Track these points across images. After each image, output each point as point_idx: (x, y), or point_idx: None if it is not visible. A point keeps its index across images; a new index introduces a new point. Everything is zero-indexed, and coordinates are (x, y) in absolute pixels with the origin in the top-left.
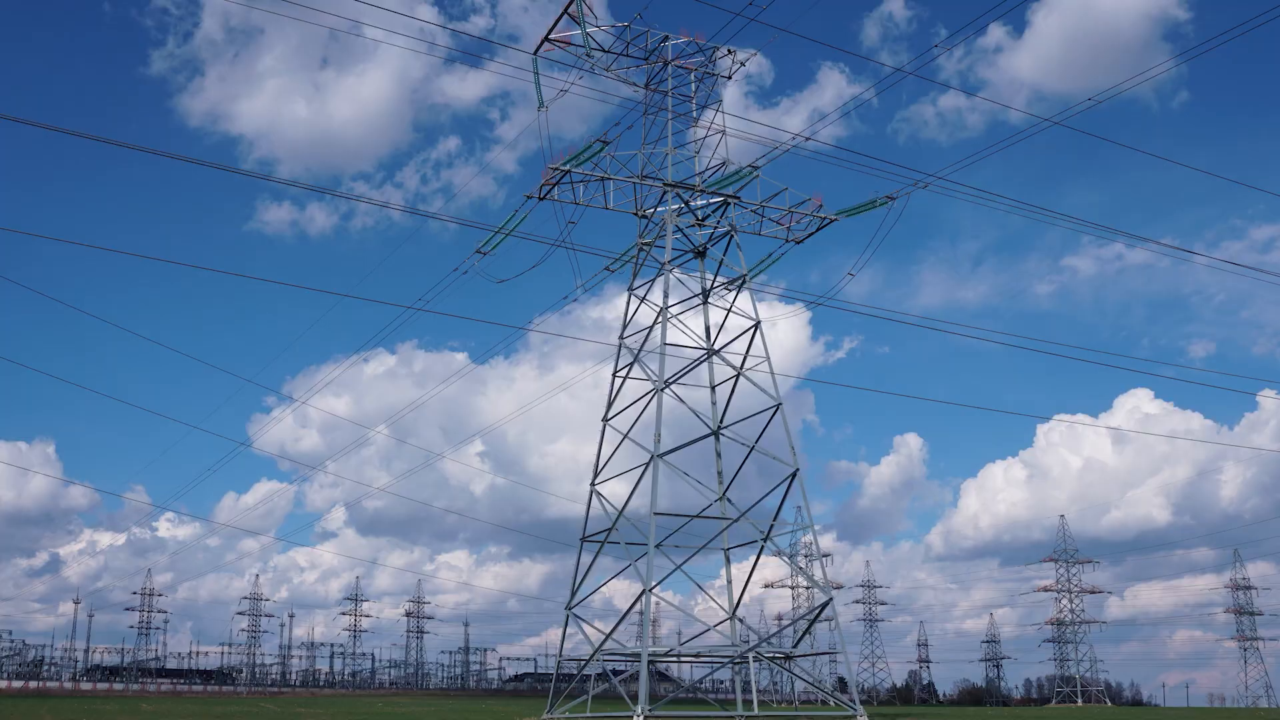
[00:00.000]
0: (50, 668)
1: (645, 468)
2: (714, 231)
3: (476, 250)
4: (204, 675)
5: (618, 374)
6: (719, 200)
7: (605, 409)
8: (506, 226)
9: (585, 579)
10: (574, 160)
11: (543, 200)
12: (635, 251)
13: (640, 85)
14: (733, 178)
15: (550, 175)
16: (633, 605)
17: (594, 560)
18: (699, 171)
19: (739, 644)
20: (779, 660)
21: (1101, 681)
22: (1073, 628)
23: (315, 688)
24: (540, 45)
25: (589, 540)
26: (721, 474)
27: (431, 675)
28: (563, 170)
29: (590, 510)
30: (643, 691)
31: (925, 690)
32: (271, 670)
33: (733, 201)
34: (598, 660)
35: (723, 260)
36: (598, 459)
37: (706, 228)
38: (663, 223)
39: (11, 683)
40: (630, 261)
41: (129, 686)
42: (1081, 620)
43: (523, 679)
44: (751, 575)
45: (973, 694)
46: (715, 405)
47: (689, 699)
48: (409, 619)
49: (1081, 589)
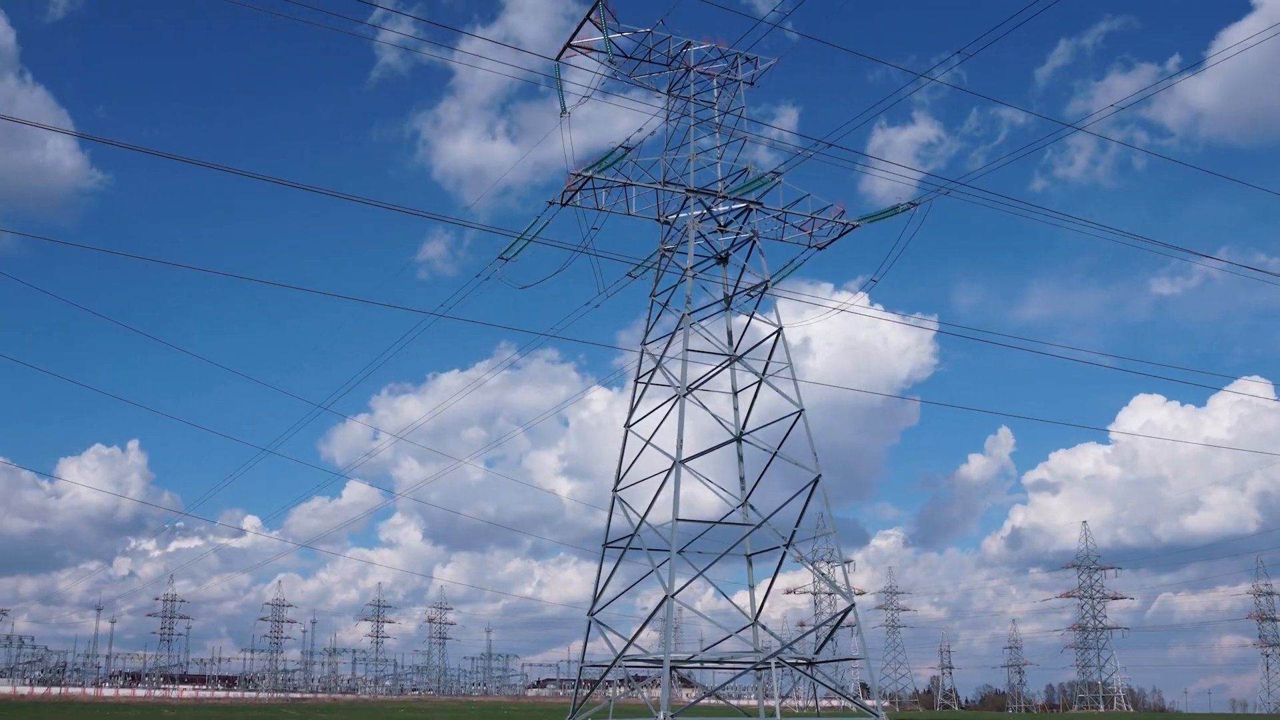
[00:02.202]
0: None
1: (668, 474)
2: (736, 237)
3: (499, 256)
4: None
5: (640, 380)
6: (741, 206)
7: (628, 415)
8: (529, 233)
9: (607, 585)
10: (596, 166)
11: (565, 206)
12: (658, 258)
13: (662, 91)
14: (755, 184)
15: (572, 181)
16: (655, 611)
17: (615, 566)
18: (721, 178)
19: (761, 650)
20: (801, 666)
21: (1124, 687)
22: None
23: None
24: (562, 51)
25: (611, 546)
26: (744, 480)
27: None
28: (585, 176)
29: (612, 516)
30: (665, 697)
31: (947, 696)
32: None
33: (755, 208)
34: (620, 666)
35: (745, 266)
36: (620, 465)
37: (728, 234)
38: (685, 229)
39: (34, 688)
40: (652, 268)
41: (151, 692)
42: (1103, 626)
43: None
44: (774, 581)
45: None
46: (737, 411)
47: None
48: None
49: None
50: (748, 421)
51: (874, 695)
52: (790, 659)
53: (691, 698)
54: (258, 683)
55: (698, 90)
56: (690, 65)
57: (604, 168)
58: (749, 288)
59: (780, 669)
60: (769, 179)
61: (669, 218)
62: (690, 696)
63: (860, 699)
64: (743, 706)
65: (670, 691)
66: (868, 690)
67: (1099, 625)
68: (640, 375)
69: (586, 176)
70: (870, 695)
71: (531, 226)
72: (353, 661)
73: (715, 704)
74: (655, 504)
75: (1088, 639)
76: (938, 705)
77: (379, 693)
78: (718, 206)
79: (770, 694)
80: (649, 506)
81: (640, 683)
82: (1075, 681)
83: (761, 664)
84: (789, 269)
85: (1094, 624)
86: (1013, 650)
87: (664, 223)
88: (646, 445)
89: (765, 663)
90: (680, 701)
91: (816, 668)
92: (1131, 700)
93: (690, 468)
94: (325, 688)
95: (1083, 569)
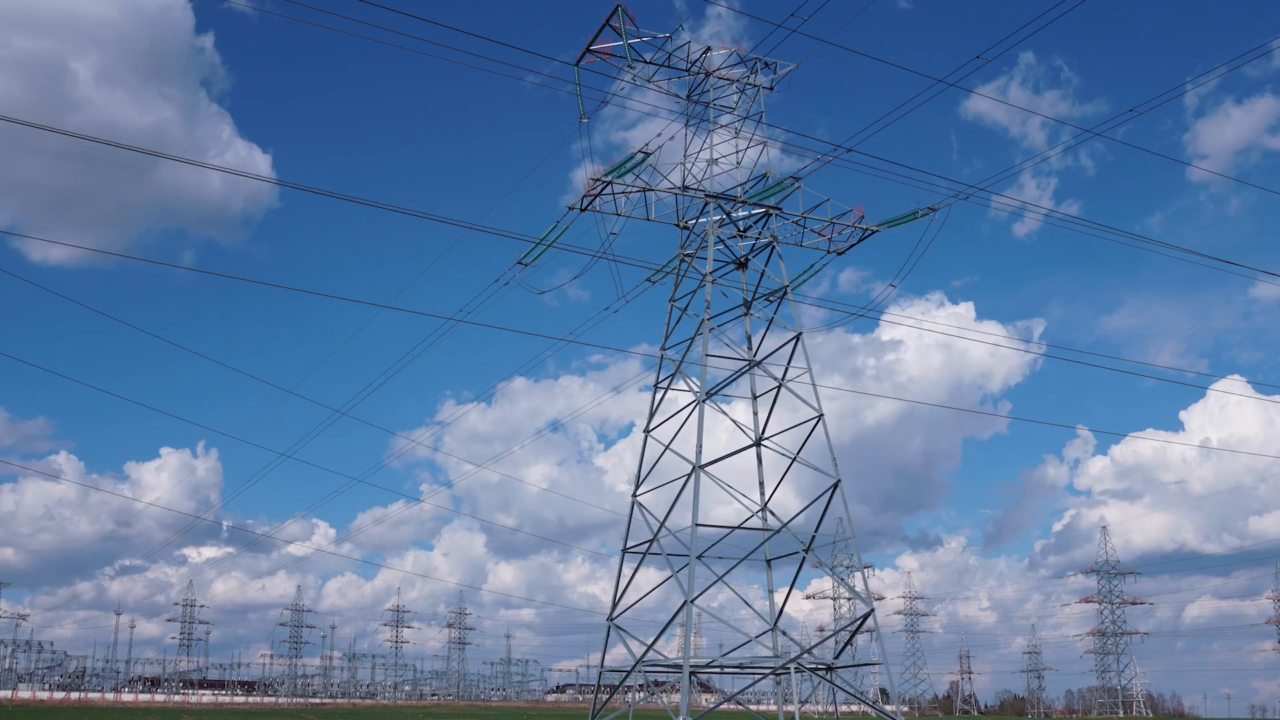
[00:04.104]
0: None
1: (687, 479)
2: (755, 242)
3: (518, 261)
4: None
5: (659, 385)
6: (760, 211)
7: (647, 420)
8: (548, 238)
9: (627, 590)
10: (615, 171)
11: (584, 212)
12: (677, 263)
13: (682, 96)
14: (774, 189)
15: (592, 186)
16: (674, 616)
17: (635, 571)
18: (740, 183)
19: (780, 655)
20: (820, 671)
21: (1143, 692)
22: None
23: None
24: (582, 56)
25: (630, 551)
26: (763, 485)
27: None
28: (604, 181)
29: (631, 521)
30: (684, 702)
31: (966, 701)
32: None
33: (774, 213)
34: (639, 671)
35: (764, 271)
36: (639, 470)
37: (748, 239)
38: (704, 234)
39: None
40: (672, 273)
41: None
42: (1122, 631)
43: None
44: (793, 587)
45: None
46: (757, 416)
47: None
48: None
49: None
50: (767, 426)
51: (893, 700)
52: (810, 664)
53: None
54: (277, 688)
55: (717, 95)
56: (709, 70)
57: (623, 173)
58: (768, 293)
59: (799, 674)
60: (788, 184)
61: (688, 223)
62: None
63: (879, 704)
64: (762, 711)
65: (689, 696)
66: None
67: (1118, 630)
68: (660, 380)
69: (606, 181)
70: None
71: (551, 231)
72: (372, 667)
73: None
74: (674, 508)
75: (1106, 644)
76: (957, 710)
77: (398, 698)
78: (737, 211)
79: (790, 699)
80: (668, 511)
81: (659, 688)
82: (1094, 686)
83: (781, 669)
84: (808, 274)
85: (1113, 629)
86: (1032, 655)
87: (683, 228)
88: (666, 450)
89: (784, 668)
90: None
91: (836, 673)
92: (1150, 705)
93: (710, 473)
94: (344, 693)
95: (1102, 574)
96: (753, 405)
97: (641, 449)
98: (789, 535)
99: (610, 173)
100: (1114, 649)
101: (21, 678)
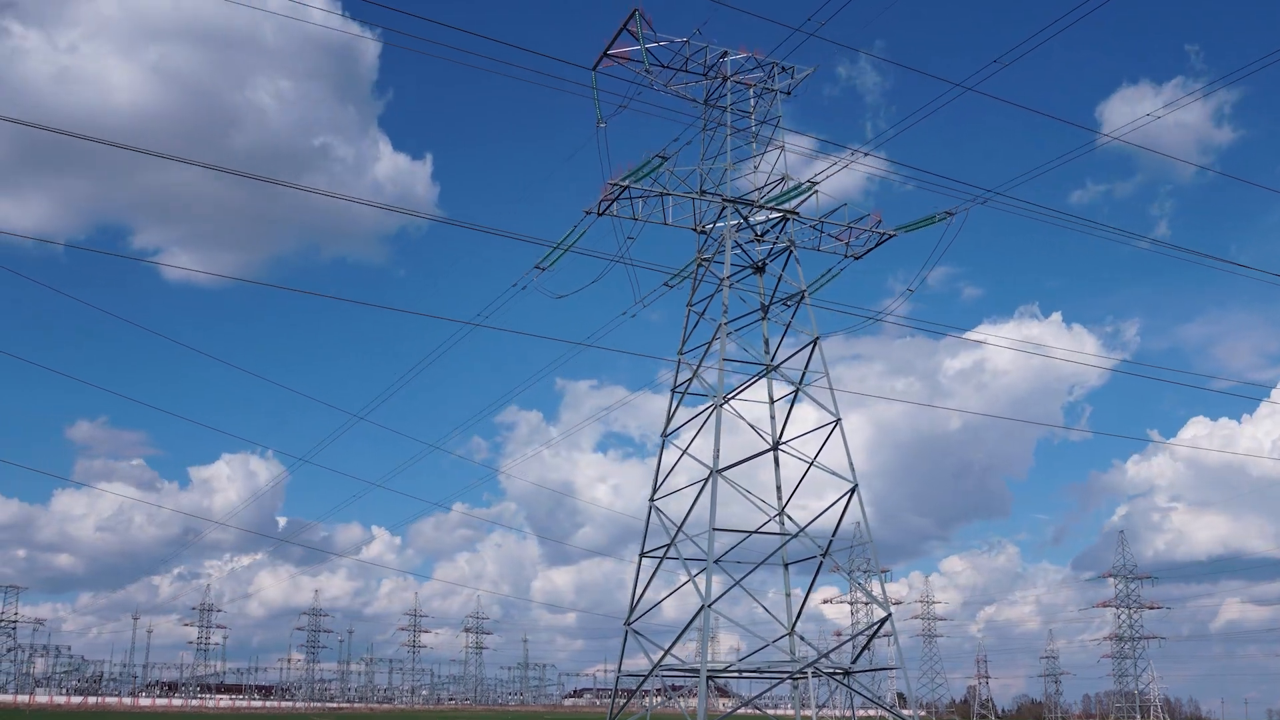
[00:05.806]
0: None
1: (704, 483)
2: (773, 247)
3: (535, 266)
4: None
5: (676, 389)
6: (778, 216)
7: (664, 424)
8: (565, 242)
9: (644, 594)
10: (633, 175)
11: (601, 216)
12: (694, 267)
13: (699, 101)
14: (791, 193)
15: (609, 191)
16: (691, 620)
17: (653, 576)
18: (758, 187)
19: (798, 659)
20: (838, 676)
21: (1160, 697)
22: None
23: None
24: (599, 61)
25: (648, 555)
26: (780, 490)
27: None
28: (621, 185)
29: (649, 525)
30: (701, 706)
31: (984, 705)
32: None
33: (792, 217)
34: (657, 675)
35: (781, 275)
36: (656, 474)
37: (765, 243)
38: (722, 238)
39: (70, 698)
40: (689, 277)
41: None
42: (1140, 636)
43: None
44: (810, 591)
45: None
46: (774, 420)
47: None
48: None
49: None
50: (784, 431)
51: (910, 705)
52: (827, 668)
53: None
54: (294, 692)
55: (734, 100)
56: (727, 75)
57: (640, 177)
58: (785, 297)
59: (817, 679)
60: (805, 188)
61: (705, 227)
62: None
63: (897, 708)
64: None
65: (707, 701)
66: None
67: (1135, 635)
68: (677, 385)
69: (623, 186)
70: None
71: (568, 236)
72: (389, 671)
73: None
74: (692, 513)
75: (1123, 649)
76: (974, 714)
77: (415, 702)
78: (754, 216)
79: (807, 703)
80: (685, 516)
81: (677, 692)
82: (1111, 691)
83: (798, 673)
84: (826, 279)
85: (1130, 633)
86: (1050, 660)
87: (700, 232)
88: (683, 455)
89: (802, 672)
90: (717, 711)
91: (853, 677)
92: (1168, 710)
93: (727, 477)
94: (361, 697)
95: (1119, 578)
96: (770, 410)
97: (659, 453)
98: (807, 540)
99: (628, 177)
100: (1131, 653)
101: (39, 682)
